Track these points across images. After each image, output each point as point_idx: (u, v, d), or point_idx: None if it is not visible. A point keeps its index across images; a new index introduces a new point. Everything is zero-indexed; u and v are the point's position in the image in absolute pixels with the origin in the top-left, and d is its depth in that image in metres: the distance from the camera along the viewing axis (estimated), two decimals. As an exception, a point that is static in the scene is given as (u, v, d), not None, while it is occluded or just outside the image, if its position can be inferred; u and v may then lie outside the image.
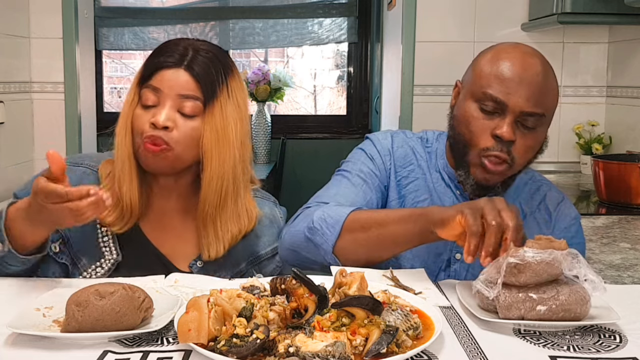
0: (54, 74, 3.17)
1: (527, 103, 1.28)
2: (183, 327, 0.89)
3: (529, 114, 1.29)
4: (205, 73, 1.32)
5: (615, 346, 0.97)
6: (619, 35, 3.06)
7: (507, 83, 1.29)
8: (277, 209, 1.51)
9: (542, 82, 1.30)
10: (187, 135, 1.30)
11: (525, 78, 1.29)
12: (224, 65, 1.36)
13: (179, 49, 1.33)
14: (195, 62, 1.32)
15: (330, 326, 0.90)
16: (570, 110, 3.19)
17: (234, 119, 1.34)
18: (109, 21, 4.43)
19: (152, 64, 1.33)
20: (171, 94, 1.30)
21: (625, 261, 1.69)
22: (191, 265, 1.38)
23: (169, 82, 1.30)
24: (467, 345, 0.97)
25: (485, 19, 3.15)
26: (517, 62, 1.31)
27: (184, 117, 1.31)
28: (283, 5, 4.52)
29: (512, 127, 1.29)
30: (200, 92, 1.31)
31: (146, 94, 1.31)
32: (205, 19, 4.55)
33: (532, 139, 1.32)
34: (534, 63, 1.32)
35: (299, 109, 5.01)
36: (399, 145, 1.50)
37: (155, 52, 1.36)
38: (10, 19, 3.00)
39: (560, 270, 1.01)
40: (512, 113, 1.29)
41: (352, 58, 4.70)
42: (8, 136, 2.96)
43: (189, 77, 1.31)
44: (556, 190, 1.50)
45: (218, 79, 1.33)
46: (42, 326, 0.98)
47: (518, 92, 1.29)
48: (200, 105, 1.31)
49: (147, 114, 1.31)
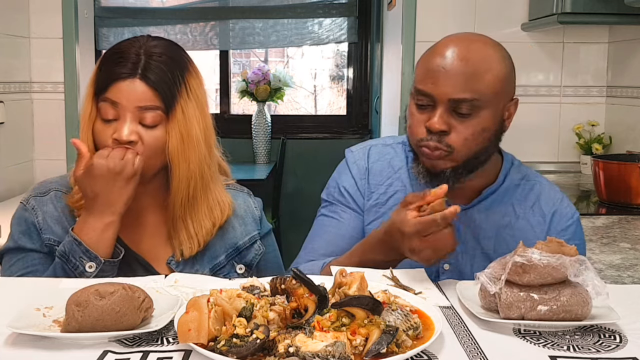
0: (54, 74, 3.17)
1: (453, 90, 1.28)
2: (183, 327, 0.89)
3: (458, 101, 1.28)
4: (161, 80, 1.29)
5: (615, 346, 0.97)
6: (619, 35, 3.06)
7: (432, 75, 1.30)
8: (251, 200, 1.51)
9: (468, 67, 1.28)
10: (151, 146, 1.29)
11: (448, 66, 1.29)
12: (180, 64, 1.33)
13: (131, 57, 1.29)
14: (149, 69, 1.28)
15: (330, 326, 0.90)
16: (570, 110, 3.19)
17: (196, 118, 1.33)
18: (109, 21, 4.43)
19: (106, 75, 1.29)
20: (130, 106, 1.27)
21: (625, 261, 1.69)
22: (169, 262, 1.37)
23: (127, 95, 1.27)
24: (467, 345, 0.97)
25: (485, 19, 3.15)
26: (442, 52, 1.31)
27: (145, 128, 1.29)
28: (283, 5, 4.52)
29: (443, 117, 1.29)
30: (159, 101, 1.29)
31: (104, 108, 1.29)
32: (205, 19, 4.54)
33: (470, 125, 1.30)
34: (459, 49, 1.30)
35: (299, 109, 5.01)
36: (375, 160, 1.50)
37: (106, 59, 1.33)
38: (10, 19, 3.00)
39: (565, 275, 1.01)
40: (442, 103, 1.29)
41: (352, 58, 4.70)
42: (8, 136, 2.96)
43: (146, 87, 1.28)
44: (552, 189, 1.47)
45: (176, 82, 1.30)
46: (42, 326, 0.98)
47: (442, 82, 1.29)
48: (161, 114, 1.29)
49: (108, 128, 1.29)
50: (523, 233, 1.40)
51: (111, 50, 1.34)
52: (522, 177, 1.46)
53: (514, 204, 1.43)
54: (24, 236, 1.35)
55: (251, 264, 1.45)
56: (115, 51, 1.32)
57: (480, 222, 1.41)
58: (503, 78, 1.31)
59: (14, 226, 1.37)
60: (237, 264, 1.43)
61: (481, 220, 1.41)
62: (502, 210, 1.42)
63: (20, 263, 1.34)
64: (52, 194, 1.38)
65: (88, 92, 1.33)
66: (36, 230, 1.34)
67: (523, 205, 1.43)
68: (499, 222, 1.41)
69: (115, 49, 1.33)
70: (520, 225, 1.41)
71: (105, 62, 1.32)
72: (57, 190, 1.39)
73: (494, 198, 1.42)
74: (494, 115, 1.32)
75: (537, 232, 1.40)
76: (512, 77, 1.35)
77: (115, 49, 1.33)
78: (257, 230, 1.48)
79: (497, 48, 1.34)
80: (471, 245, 1.41)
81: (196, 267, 1.37)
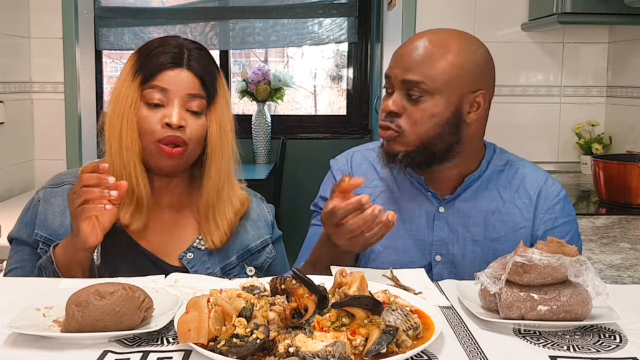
0: (54, 74, 3.17)
1: (403, 72, 1.35)
2: (183, 327, 0.89)
3: (408, 82, 1.34)
4: (205, 71, 1.35)
5: (615, 346, 0.97)
6: (619, 35, 3.06)
7: (394, 59, 1.39)
8: (264, 205, 1.54)
9: (423, 51, 1.34)
10: (197, 133, 1.34)
11: (406, 50, 1.37)
12: (214, 61, 1.40)
13: (173, 49, 1.34)
14: (193, 61, 1.35)
15: (330, 326, 0.90)
16: (570, 110, 3.19)
17: (228, 111, 1.40)
18: (109, 21, 4.42)
19: (151, 65, 1.33)
20: (179, 93, 1.32)
21: (625, 261, 1.69)
22: (181, 258, 1.38)
23: (176, 82, 1.32)
24: (467, 345, 0.97)
25: (485, 19, 3.15)
26: (410, 40, 1.39)
27: (192, 115, 1.34)
28: (283, 5, 4.52)
29: (397, 99, 1.36)
30: (203, 90, 1.35)
31: (151, 94, 1.32)
32: (205, 19, 4.54)
33: (420, 110, 1.35)
34: (424, 37, 1.37)
35: (299, 109, 5.01)
36: (358, 164, 1.54)
37: (146, 51, 1.36)
38: (10, 19, 3.00)
39: (565, 275, 1.01)
40: (397, 86, 1.36)
41: (352, 58, 4.70)
42: (8, 136, 2.96)
43: (193, 76, 1.34)
44: (536, 171, 1.49)
45: (214, 76, 1.38)
46: (42, 326, 0.98)
47: (396, 64, 1.37)
48: (204, 103, 1.35)
49: (156, 114, 1.32)
50: (511, 217, 1.43)
51: (148, 44, 1.37)
52: (506, 163, 1.49)
53: (499, 189, 1.45)
54: (24, 227, 1.38)
55: (262, 267, 1.47)
56: (155, 44, 1.36)
57: (467, 210, 1.44)
58: (459, 66, 1.34)
59: (21, 214, 1.41)
60: (248, 266, 1.45)
61: (468, 209, 1.44)
62: (488, 197, 1.44)
63: (15, 256, 1.38)
64: (65, 186, 1.40)
65: (126, 82, 1.35)
66: (33, 224, 1.37)
67: (508, 189, 1.45)
68: (486, 208, 1.44)
69: (152, 44, 1.37)
70: (507, 210, 1.43)
71: (146, 54, 1.35)
72: (71, 184, 1.39)
73: (479, 185, 1.45)
74: (446, 103, 1.35)
75: (525, 214, 1.43)
76: (475, 69, 1.36)
77: (153, 44, 1.37)
78: (269, 235, 1.50)
79: (466, 41, 1.38)
80: (461, 234, 1.43)
81: (207, 265, 1.39)
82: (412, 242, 1.45)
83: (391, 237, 1.43)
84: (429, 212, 1.45)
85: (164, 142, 1.31)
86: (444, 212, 1.44)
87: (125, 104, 1.33)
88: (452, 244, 1.43)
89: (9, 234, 1.41)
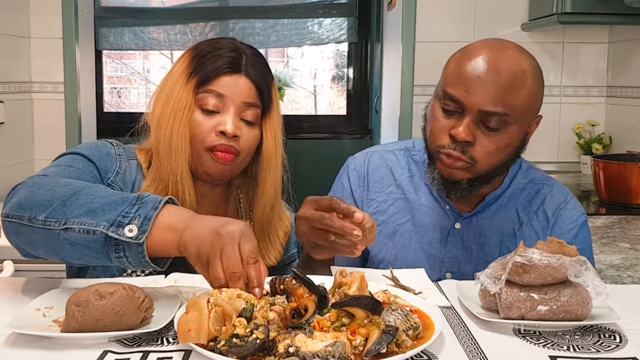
0: (54, 74, 3.17)
1: (485, 102, 1.23)
2: (183, 327, 0.89)
3: (488, 113, 1.23)
4: (262, 79, 1.30)
5: (615, 346, 0.97)
6: (619, 35, 3.06)
7: (466, 81, 1.24)
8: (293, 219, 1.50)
9: (505, 80, 1.23)
10: (250, 144, 1.30)
11: (484, 76, 1.23)
12: (269, 69, 1.34)
13: (231, 53, 1.28)
14: (250, 67, 1.29)
15: (330, 326, 0.90)
16: (570, 110, 3.19)
17: (279, 123, 1.35)
18: (109, 21, 4.42)
19: (208, 68, 1.27)
20: (236, 100, 1.27)
21: (625, 261, 1.69)
22: None
23: (233, 89, 1.27)
24: (467, 345, 0.97)
25: (485, 19, 3.15)
26: (480, 59, 1.25)
27: (246, 124, 1.29)
28: (283, 5, 4.52)
29: (470, 127, 1.24)
30: (259, 99, 1.30)
31: (206, 99, 1.27)
32: (205, 19, 4.54)
33: (496, 140, 1.26)
34: (499, 60, 1.24)
35: (299, 109, 5.01)
36: (375, 167, 1.48)
37: (200, 54, 1.29)
38: (10, 19, 3.00)
39: (565, 275, 1.01)
40: (471, 113, 1.24)
41: (352, 58, 4.70)
42: (8, 136, 2.96)
43: (250, 84, 1.28)
44: (559, 190, 1.43)
45: (270, 84, 1.32)
46: (42, 326, 0.98)
47: (475, 91, 1.23)
48: (259, 112, 1.30)
49: (210, 120, 1.27)
50: (526, 241, 1.36)
51: (202, 45, 1.31)
52: (529, 181, 1.43)
53: (518, 209, 1.40)
54: (94, 152, 1.28)
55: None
56: (210, 47, 1.30)
57: (483, 229, 1.39)
58: (535, 95, 1.27)
59: (89, 146, 1.30)
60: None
61: (485, 228, 1.39)
62: (506, 216, 1.39)
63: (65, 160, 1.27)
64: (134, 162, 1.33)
65: (180, 84, 1.28)
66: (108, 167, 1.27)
67: (528, 209, 1.40)
68: (502, 229, 1.39)
69: (206, 45, 1.30)
70: (523, 233, 1.39)
71: (202, 56, 1.29)
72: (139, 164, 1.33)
73: (499, 204, 1.40)
74: (519, 131, 1.28)
75: (540, 236, 1.39)
76: (542, 92, 1.31)
77: (208, 45, 1.30)
78: (296, 249, 1.48)
79: (531, 61, 1.29)
80: (475, 253, 1.39)
81: None
82: (423, 256, 1.41)
83: (403, 248, 1.41)
84: (444, 227, 1.41)
85: (215, 149, 1.26)
86: (460, 229, 1.40)
87: (178, 107, 1.27)
88: (465, 262, 1.39)
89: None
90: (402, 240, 1.42)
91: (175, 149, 1.27)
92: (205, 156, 1.27)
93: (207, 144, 1.27)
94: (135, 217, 1.01)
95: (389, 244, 1.43)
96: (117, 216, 1.01)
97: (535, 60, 1.30)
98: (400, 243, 1.42)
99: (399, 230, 1.43)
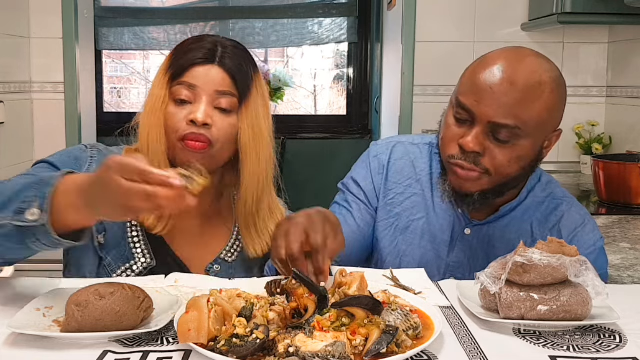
0: (54, 74, 3.17)
1: (496, 113, 1.19)
2: (183, 327, 0.89)
3: (498, 125, 1.20)
4: (238, 69, 1.29)
5: (615, 346, 0.97)
6: (619, 35, 3.06)
7: (478, 91, 1.21)
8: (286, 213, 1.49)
9: (518, 92, 1.19)
10: (225, 132, 1.28)
11: (497, 86, 1.20)
12: (251, 60, 1.34)
13: (207, 45, 1.29)
14: (226, 57, 1.29)
15: (330, 326, 0.90)
16: (570, 110, 3.13)
17: (264, 114, 1.33)
18: (109, 21, 4.42)
19: (182, 61, 1.29)
20: (207, 89, 1.27)
21: (625, 261, 1.69)
22: (208, 269, 1.36)
23: (205, 78, 1.27)
24: (467, 345, 0.97)
25: (485, 19, 3.15)
26: (495, 69, 1.21)
27: (221, 113, 1.28)
28: (283, 5, 4.52)
29: (479, 138, 1.21)
30: (235, 88, 1.29)
31: (179, 90, 1.27)
32: (205, 19, 4.54)
33: (507, 153, 1.22)
34: (514, 70, 1.21)
35: (299, 109, 5.00)
36: (397, 158, 1.45)
37: (180, 48, 1.32)
38: (10, 19, 3.00)
39: (565, 275, 1.01)
40: (481, 123, 1.21)
41: (352, 58, 4.70)
42: (8, 136, 2.96)
43: (224, 73, 1.28)
44: (578, 211, 1.39)
45: (249, 75, 1.31)
46: (42, 326, 0.98)
47: (486, 102, 1.20)
48: (235, 101, 1.29)
49: (182, 110, 1.27)
50: None
51: (184, 42, 1.33)
52: (548, 195, 1.39)
53: (533, 223, 1.37)
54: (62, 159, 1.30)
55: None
56: (190, 42, 1.32)
57: (494, 239, 1.37)
58: (553, 108, 1.24)
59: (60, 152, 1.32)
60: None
61: (495, 237, 1.37)
62: (519, 230, 1.36)
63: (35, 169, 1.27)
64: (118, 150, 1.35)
65: (158, 79, 1.31)
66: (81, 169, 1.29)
67: (543, 226, 1.37)
68: (513, 242, 1.34)
69: (188, 41, 1.32)
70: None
71: (180, 50, 1.31)
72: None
73: (513, 215, 1.37)
74: (533, 145, 1.25)
75: None
76: (562, 106, 1.27)
77: (189, 40, 1.33)
78: None
79: (552, 73, 1.24)
80: (481, 260, 1.36)
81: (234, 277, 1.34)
82: (430, 256, 1.40)
83: (412, 244, 1.40)
84: (454, 231, 1.39)
85: (186, 139, 1.26)
86: (469, 235, 1.38)
87: (156, 102, 1.29)
88: (470, 269, 1.36)
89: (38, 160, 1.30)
90: (413, 237, 1.41)
91: (152, 143, 1.28)
92: (178, 146, 1.27)
93: (180, 134, 1.27)
94: (34, 199, 1.00)
95: (399, 237, 1.42)
96: (20, 204, 1.01)
97: (557, 71, 1.26)
98: (411, 239, 1.41)
99: (411, 226, 1.41)
